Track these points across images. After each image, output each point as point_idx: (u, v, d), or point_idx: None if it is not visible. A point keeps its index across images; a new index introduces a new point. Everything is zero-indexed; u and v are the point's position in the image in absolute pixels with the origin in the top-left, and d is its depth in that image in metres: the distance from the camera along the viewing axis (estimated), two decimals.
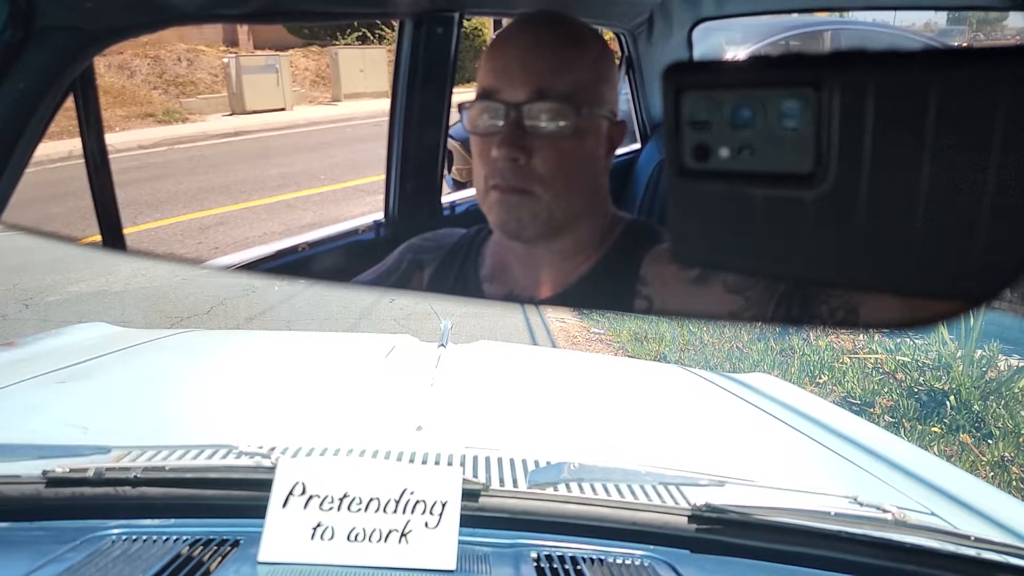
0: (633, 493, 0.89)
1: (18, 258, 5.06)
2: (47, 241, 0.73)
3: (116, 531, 0.77)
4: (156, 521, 0.79)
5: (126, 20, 0.73)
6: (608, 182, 0.71)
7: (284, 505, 0.75)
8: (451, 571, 0.72)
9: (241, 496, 0.80)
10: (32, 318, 4.13)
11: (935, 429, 3.06)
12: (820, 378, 3.65)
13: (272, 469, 0.78)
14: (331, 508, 0.75)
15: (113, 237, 0.93)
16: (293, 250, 1.10)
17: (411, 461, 0.92)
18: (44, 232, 0.75)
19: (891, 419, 3.17)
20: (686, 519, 0.81)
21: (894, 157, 0.30)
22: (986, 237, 0.30)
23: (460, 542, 0.74)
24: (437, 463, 0.92)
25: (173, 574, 0.70)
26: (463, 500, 0.77)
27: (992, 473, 2.73)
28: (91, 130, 0.84)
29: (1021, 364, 3.52)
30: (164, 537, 0.76)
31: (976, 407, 3.16)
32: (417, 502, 0.76)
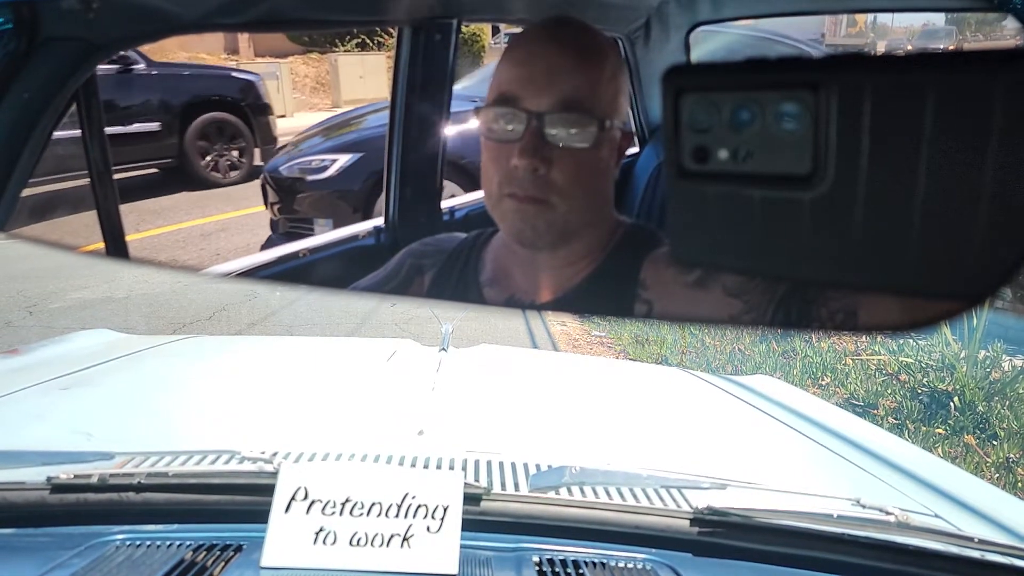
0: (635, 496, 0.89)
1: (22, 265, 5.07)
2: (51, 250, 0.73)
3: (120, 537, 0.77)
4: (159, 526, 0.80)
5: (128, 30, 0.74)
6: (613, 189, 0.71)
7: (286, 510, 0.75)
8: (453, 575, 0.72)
9: (244, 501, 0.80)
10: (36, 325, 4.14)
11: (939, 431, 3.05)
12: (823, 380, 3.64)
13: (274, 474, 0.79)
14: (333, 513, 0.76)
15: (116, 245, 0.93)
16: (294, 256, 1.11)
17: (413, 465, 0.92)
18: (48, 241, 0.76)
19: (895, 421, 3.16)
20: (688, 522, 0.81)
21: (891, 158, 0.31)
22: (983, 236, 0.30)
23: (462, 546, 0.74)
24: (439, 467, 0.93)
25: None
26: (465, 504, 0.77)
27: (997, 475, 2.72)
28: (94, 139, 0.85)
29: None
30: (167, 542, 0.76)
31: (980, 408, 3.14)
32: (419, 506, 0.76)
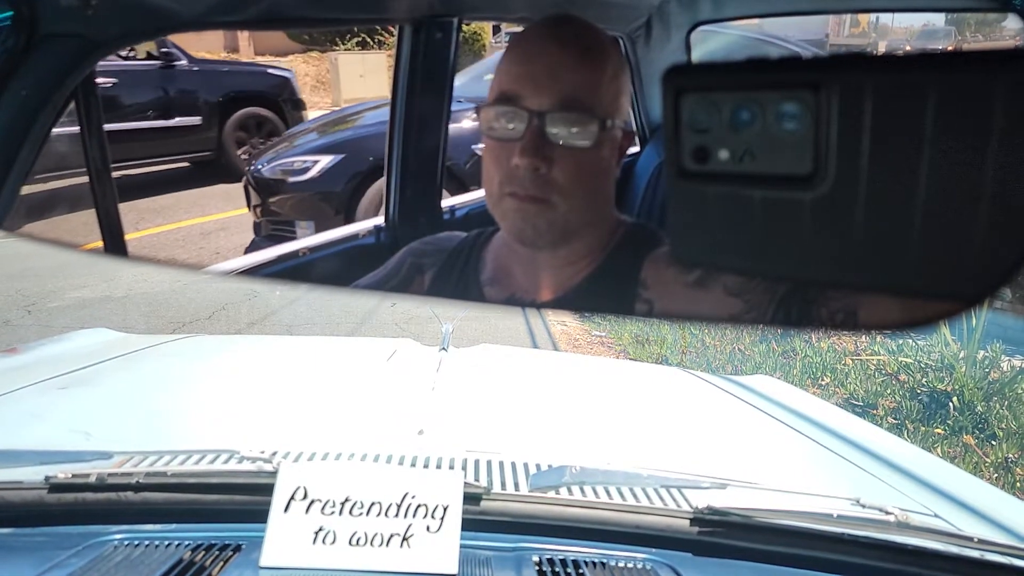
0: (635, 496, 0.89)
1: (20, 264, 5.07)
2: (49, 247, 0.73)
3: (118, 536, 0.77)
4: (158, 526, 0.79)
5: (127, 27, 0.74)
6: (614, 188, 0.71)
7: (286, 510, 0.75)
8: (453, 575, 0.72)
9: (243, 501, 0.80)
10: (35, 324, 4.14)
11: (938, 431, 3.05)
12: (822, 380, 3.64)
13: (274, 474, 0.79)
14: (333, 512, 0.75)
15: (115, 243, 0.93)
16: (294, 255, 1.11)
17: (412, 465, 0.92)
18: (46, 239, 0.76)
19: (894, 421, 3.16)
20: (688, 522, 0.80)
21: (892, 158, 0.31)
22: (983, 236, 0.30)
23: (462, 546, 0.74)
24: (439, 467, 0.92)
25: None
26: (464, 504, 0.77)
27: (996, 475, 2.72)
28: (93, 136, 0.85)
29: None
30: (166, 542, 0.76)
31: (979, 408, 3.15)
32: (419, 506, 0.76)
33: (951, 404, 3.19)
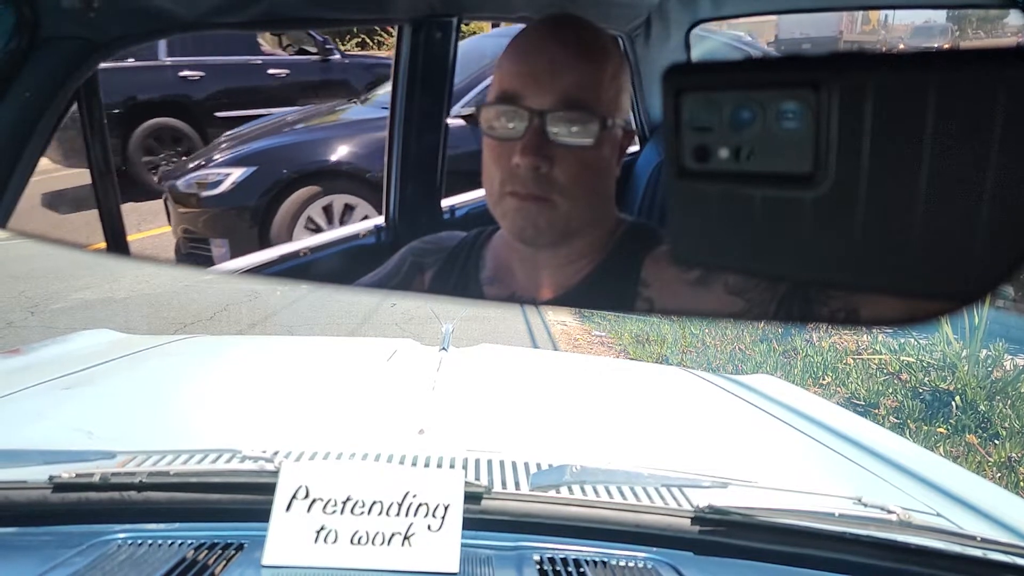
0: (636, 495, 0.89)
1: (24, 266, 5.09)
2: (52, 247, 0.74)
3: (121, 535, 0.77)
4: (161, 525, 0.80)
5: (129, 29, 0.74)
6: (615, 187, 0.71)
7: (287, 509, 0.76)
8: (454, 573, 0.72)
9: (245, 500, 0.80)
10: (38, 325, 4.15)
11: (940, 430, 3.05)
12: (824, 379, 3.63)
13: (275, 473, 0.79)
14: (334, 511, 0.76)
15: (117, 242, 0.94)
16: (295, 255, 1.11)
17: (413, 464, 0.92)
18: (49, 238, 0.76)
19: (896, 420, 3.15)
20: (689, 521, 0.81)
21: (893, 157, 0.31)
22: (984, 235, 0.30)
23: (463, 545, 0.74)
24: (439, 466, 0.93)
25: None
26: (465, 503, 0.77)
27: (999, 474, 2.71)
28: (95, 137, 0.85)
29: None
30: (169, 541, 0.77)
31: (982, 407, 3.14)
32: (420, 505, 0.76)
33: (953, 403, 3.18)
